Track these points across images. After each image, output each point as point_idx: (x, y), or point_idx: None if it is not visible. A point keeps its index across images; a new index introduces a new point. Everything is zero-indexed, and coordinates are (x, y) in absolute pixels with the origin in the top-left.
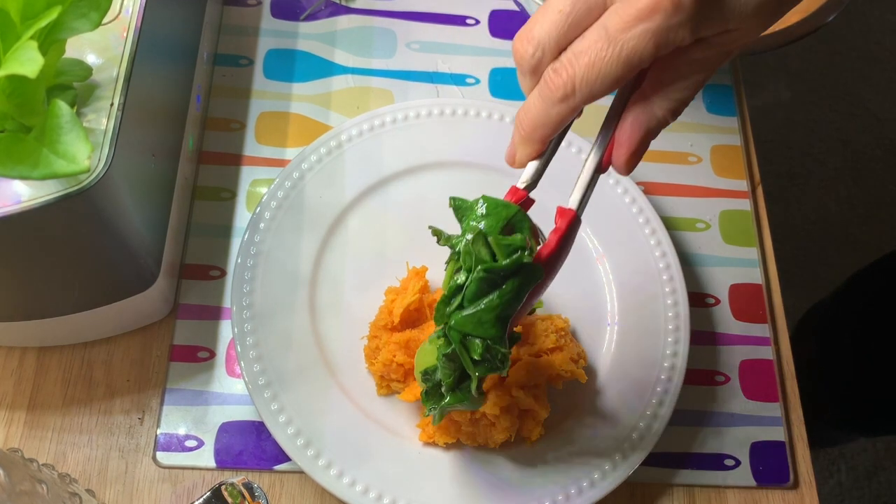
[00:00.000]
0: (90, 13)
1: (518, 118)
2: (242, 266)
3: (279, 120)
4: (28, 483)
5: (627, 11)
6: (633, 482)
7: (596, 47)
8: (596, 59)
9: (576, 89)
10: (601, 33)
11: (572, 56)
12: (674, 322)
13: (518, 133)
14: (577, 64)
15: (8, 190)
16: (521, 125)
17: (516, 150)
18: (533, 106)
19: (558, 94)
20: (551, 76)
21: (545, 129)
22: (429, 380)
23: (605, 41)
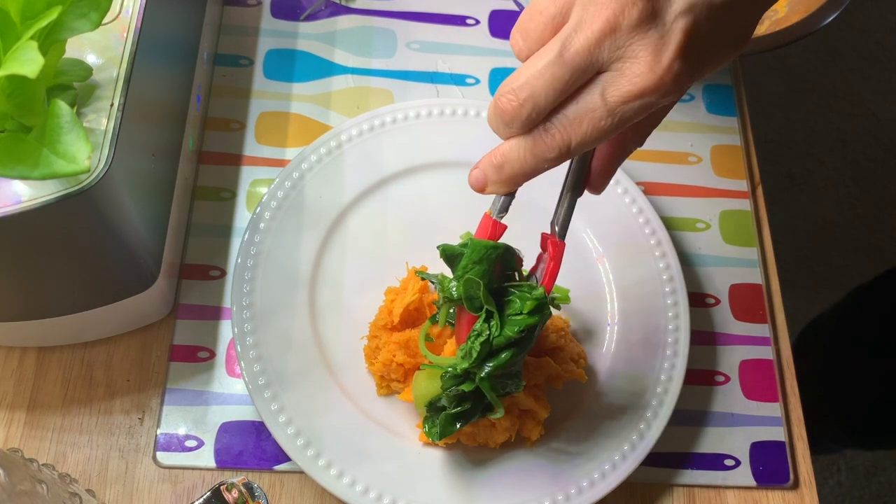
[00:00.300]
0: (90, 13)
1: (498, 164)
2: (242, 266)
3: (279, 120)
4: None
5: (628, 90)
6: (633, 482)
7: (594, 116)
8: (594, 128)
9: (570, 150)
10: (598, 103)
11: (567, 122)
12: (674, 322)
13: (497, 175)
14: (574, 130)
15: (8, 190)
16: (503, 171)
17: (489, 186)
18: (520, 158)
19: (552, 154)
20: (545, 137)
21: (529, 178)
22: (433, 408)
23: (603, 112)
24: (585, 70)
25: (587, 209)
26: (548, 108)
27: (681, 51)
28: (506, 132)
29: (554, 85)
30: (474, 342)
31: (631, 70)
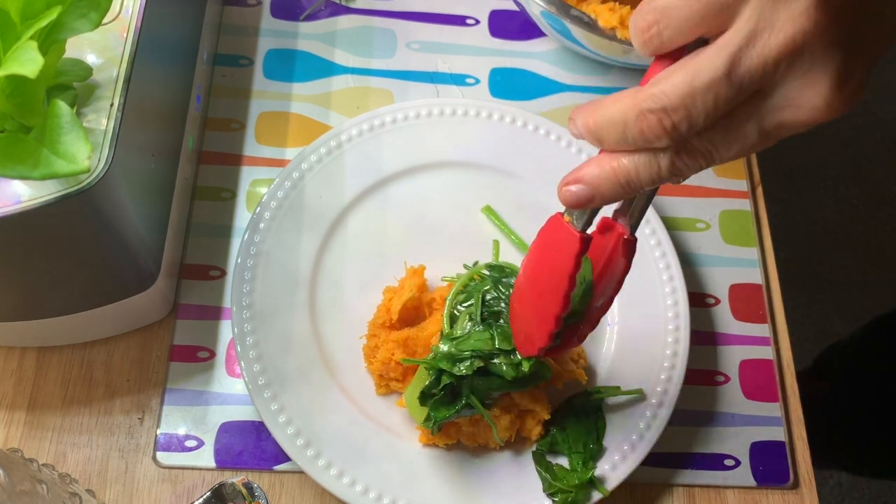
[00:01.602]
0: (90, 13)
1: (621, 182)
2: (242, 266)
3: (279, 120)
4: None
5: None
6: (633, 482)
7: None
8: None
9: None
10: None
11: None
12: (674, 322)
13: (616, 192)
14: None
15: (8, 190)
16: (628, 187)
17: (597, 199)
18: (649, 175)
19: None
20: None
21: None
22: (425, 398)
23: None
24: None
25: None
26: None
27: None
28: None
29: (717, 106)
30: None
31: (802, 99)
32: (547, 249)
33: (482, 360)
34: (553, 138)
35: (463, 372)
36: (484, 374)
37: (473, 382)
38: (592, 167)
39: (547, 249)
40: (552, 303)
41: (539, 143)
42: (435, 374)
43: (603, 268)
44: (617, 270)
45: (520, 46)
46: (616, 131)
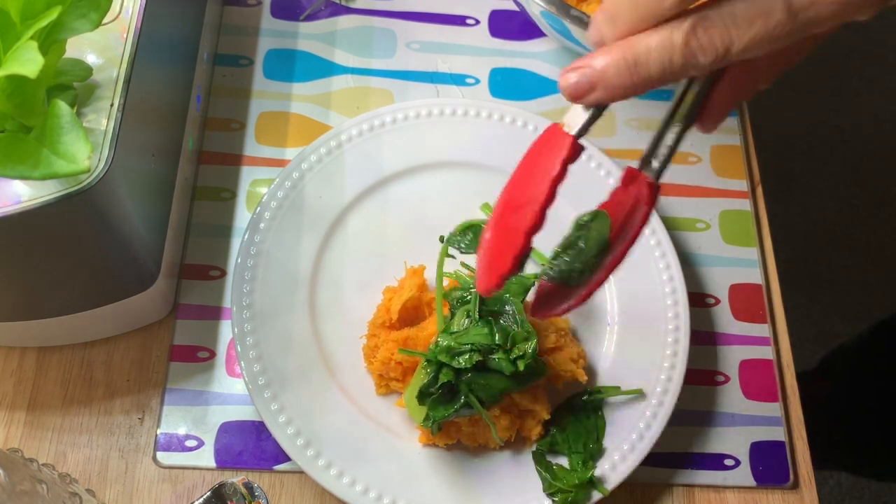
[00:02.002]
0: (90, 13)
1: (632, 60)
2: (242, 266)
3: (279, 120)
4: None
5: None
6: (633, 482)
7: (770, 19)
8: (766, 35)
9: (728, 56)
10: (780, 5)
11: (734, 19)
12: (674, 322)
13: (624, 79)
14: (740, 32)
15: (8, 190)
16: (635, 73)
17: (599, 90)
18: (660, 58)
19: (705, 59)
20: (700, 39)
21: (660, 83)
22: (423, 397)
23: (783, 14)
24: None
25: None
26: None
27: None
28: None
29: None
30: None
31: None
32: (534, 158)
33: (481, 355)
34: None
35: (462, 365)
36: (482, 370)
37: (472, 380)
38: (600, 52)
39: (534, 158)
40: (524, 216)
41: None
42: (433, 371)
43: (621, 224)
44: (635, 221)
45: (520, 46)
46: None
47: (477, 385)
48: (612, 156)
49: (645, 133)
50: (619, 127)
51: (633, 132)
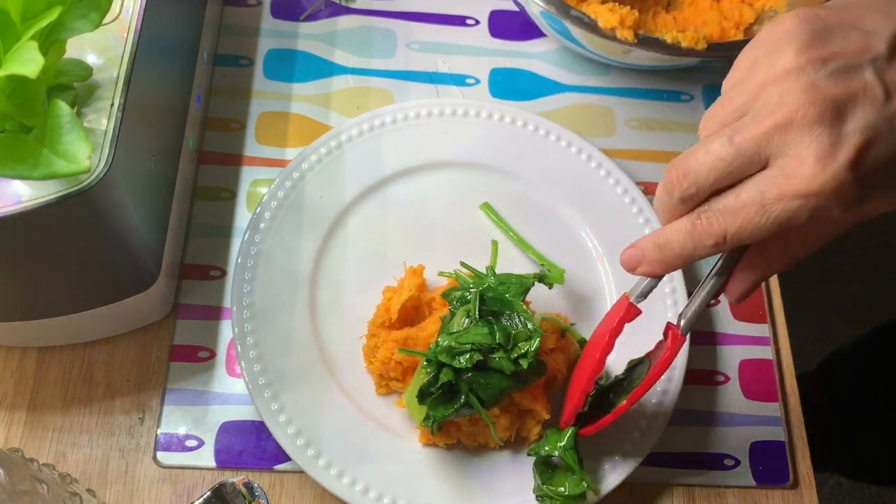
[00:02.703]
0: (90, 13)
1: (661, 243)
2: (242, 266)
3: (279, 120)
4: (28, 483)
5: (786, 189)
6: (633, 482)
7: (750, 212)
8: (748, 223)
9: (727, 241)
10: (756, 198)
11: (726, 213)
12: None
13: (656, 255)
14: (731, 223)
15: (8, 190)
16: (663, 251)
17: (643, 265)
18: (680, 240)
19: (710, 241)
20: (705, 224)
21: (685, 262)
22: (423, 396)
23: (758, 209)
24: (751, 159)
25: (587, 209)
26: (707, 187)
27: (850, 163)
28: (667, 202)
29: (717, 165)
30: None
31: (792, 169)
32: (604, 320)
33: (481, 354)
34: (553, 138)
35: (463, 365)
36: (483, 370)
37: (473, 379)
38: (645, 237)
39: (604, 320)
40: (590, 362)
41: (539, 143)
42: (434, 371)
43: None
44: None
45: (520, 46)
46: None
47: (478, 385)
48: (612, 156)
49: (645, 133)
50: (619, 127)
51: (632, 132)
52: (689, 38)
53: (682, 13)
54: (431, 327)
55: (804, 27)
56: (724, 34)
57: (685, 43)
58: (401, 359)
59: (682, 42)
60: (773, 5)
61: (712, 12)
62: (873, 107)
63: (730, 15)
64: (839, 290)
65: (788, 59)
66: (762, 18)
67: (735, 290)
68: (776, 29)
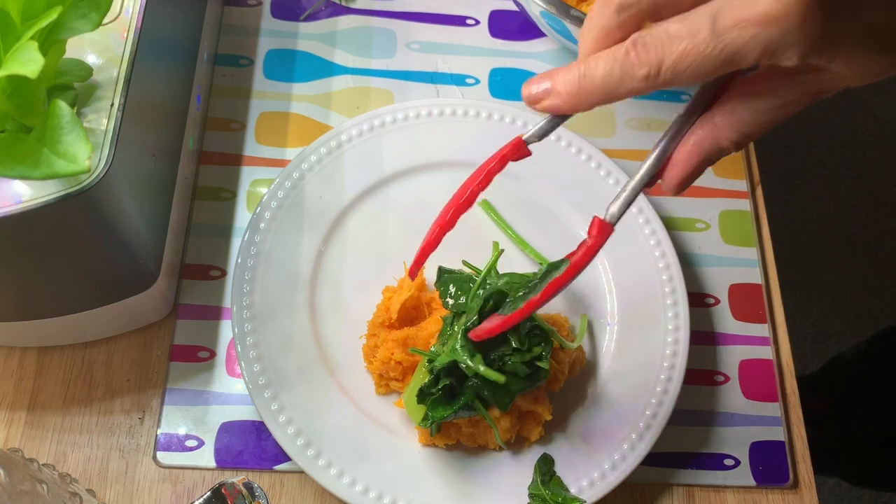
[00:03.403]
0: (90, 13)
1: (579, 73)
2: (242, 266)
3: (279, 120)
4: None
5: (744, 12)
6: (632, 482)
7: (697, 38)
8: (692, 51)
9: (660, 73)
10: (706, 23)
11: (666, 37)
12: (674, 322)
13: (569, 84)
14: (670, 49)
15: (8, 190)
16: (579, 80)
17: (550, 96)
18: (604, 70)
19: (641, 71)
20: (638, 51)
21: (602, 98)
22: (423, 396)
23: (708, 34)
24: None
25: (587, 210)
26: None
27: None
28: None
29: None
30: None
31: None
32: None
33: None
34: (553, 138)
35: (479, 370)
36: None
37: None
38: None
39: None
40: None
41: (539, 143)
42: (434, 372)
43: (582, 255)
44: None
45: (520, 46)
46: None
47: (488, 388)
48: (612, 156)
49: (645, 133)
50: (619, 127)
51: (632, 132)
52: None
53: None
54: (431, 327)
55: None
56: None
57: None
58: (400, 359)
59: None
60: None
61: None
62: None
63: None
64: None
65: None
66: None
67: (676, 172)
68: None
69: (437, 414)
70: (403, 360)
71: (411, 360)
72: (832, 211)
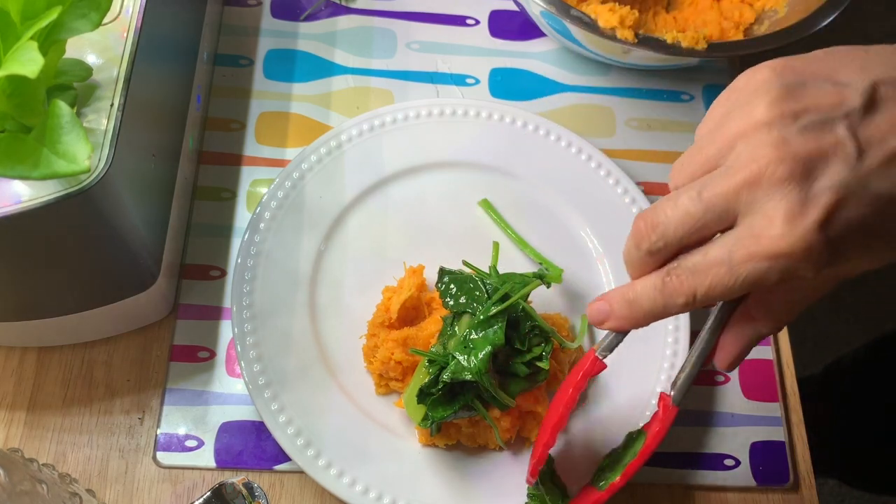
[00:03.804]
0: (90, 13)
1: (630, 299)
2: (242, 266)
3: (279, 120)
4: (28, 483)
5: (754, 250)
6: (633, 482)
7: (719, 272)
8: (718, 283)
9: (696, 299)
10: (724, 258)
11: (693, 269)
12: (674, 322)
13: (625, 311)
14: (700, 282)
15: (8, 190)
16: (633, 307)
17: (611, 320)
18: (650, 296)
19: (680, 300)
20: (675, 282)
21: (654, 319)
22: (423, 396)
23: (727, 270)
24: (720, 216)
25: (587, 209)
26: (675, 241)
27: (820, 224)
28: (635, 255)
29: (685, 220)
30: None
31: (761, 229)
32: (569, 374)
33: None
34: (553, 138)
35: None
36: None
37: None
38: (614, 289)
39: (569, 374)
40: (554, 416)
41: (539, 143)
42: (435, 371)
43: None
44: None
45: (520, 46)
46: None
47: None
48: (612, 156)
49: (645, 133)
50: (619, 127)
51: (632, 132)
52: (689, 38)
53: (682, 13)
54: (431, 327)
55: (778, 79)
56: (723, 34)
57: (685, 43)
58: (400, 359)
59: (682, 42)
60: (773, 5)
61: (712, 12)
62: (845, 164)
63: (730, 15)
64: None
65: (760, 111)
66: (762, 18)
67: (724, 356)
68: (751, 79)
69: (437, 414)
70: (403, 360)
71: (411, 360)
72: None
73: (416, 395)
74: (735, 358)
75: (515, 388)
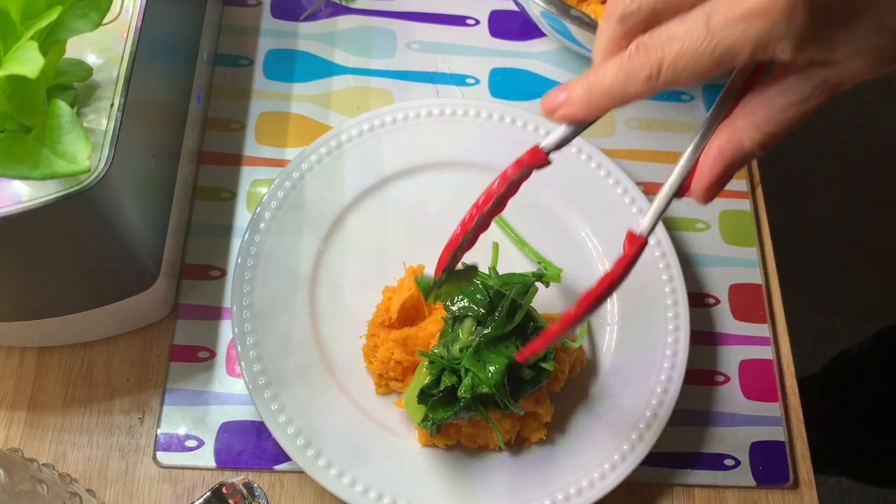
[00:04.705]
0: (90, 13)
1: (588, 81)
2: (242, 266)
3: (279, 120)
4: (28, 483)
5: (733, 9)
6: (632, 482)
7: (692, 37)
8: (688, 49)
9: (661, 73)
10: (701, 23)
11: (665, 38)
12: (674, 322)
13: (580, 92)
14: (668, 49)
15: (8, 190)
16: (589, 88)
17: (564, 105)
18: (611, 75)
19: (643, 72)
20: (640, 53)
21: (612, 101)
22: (424, 397)
23: (703, 32)
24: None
25: (587, 210)
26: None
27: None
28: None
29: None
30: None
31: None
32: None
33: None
34: None
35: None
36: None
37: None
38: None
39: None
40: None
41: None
42: (436, 372)
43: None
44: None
45: (520, 46)
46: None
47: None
48: (612, 156)
49: (645, 133)
50: (619, 127)
51: (632, 132)
52: None
53: None
54: (431, 327)
55: None
56: None
57: None
58: (400, 359)
59: None
60: None
61: None
62: None
63: None
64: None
65: None
66: None
67: (702, 181)
68: None
69: (438, 415)
70: (403, 360)
71: (411, 360)
72: (832, 211)
73: (416, 395)
74: (714, 182)
75: (521, 393)
